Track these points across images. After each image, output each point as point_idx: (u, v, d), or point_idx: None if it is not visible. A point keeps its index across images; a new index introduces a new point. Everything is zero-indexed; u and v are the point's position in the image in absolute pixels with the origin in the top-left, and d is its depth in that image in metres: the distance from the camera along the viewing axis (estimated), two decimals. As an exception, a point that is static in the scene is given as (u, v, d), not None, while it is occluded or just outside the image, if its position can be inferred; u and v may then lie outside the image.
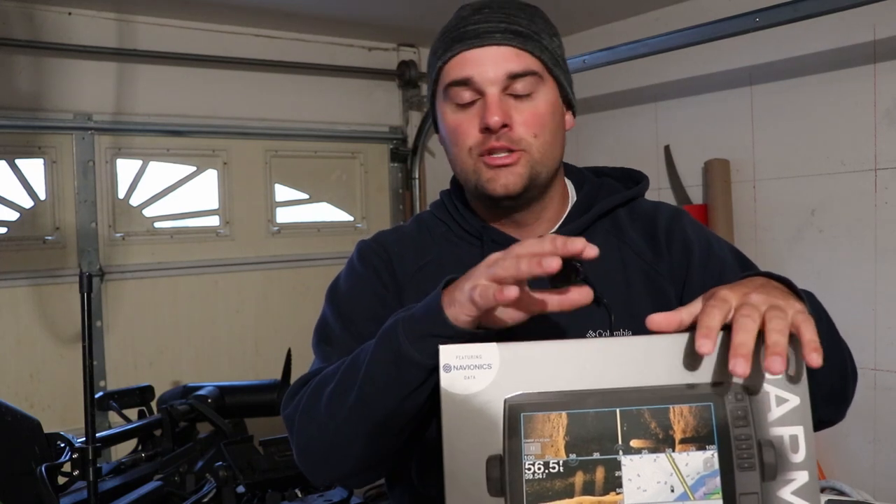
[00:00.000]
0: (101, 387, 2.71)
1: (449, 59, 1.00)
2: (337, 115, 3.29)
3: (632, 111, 2.99)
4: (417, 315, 0.83)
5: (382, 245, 1.10)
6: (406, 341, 0.82)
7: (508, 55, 0.97)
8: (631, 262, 1.05)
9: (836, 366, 0.89)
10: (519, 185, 0.99)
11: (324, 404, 0.90)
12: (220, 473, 1.86)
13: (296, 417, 0.94)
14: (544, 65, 1.00)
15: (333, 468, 0.93)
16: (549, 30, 1.03)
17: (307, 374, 0.99)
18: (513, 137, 0.97)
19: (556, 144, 1.02)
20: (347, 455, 0.90)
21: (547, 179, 1.02)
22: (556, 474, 0.73)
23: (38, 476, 1.64)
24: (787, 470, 0.73)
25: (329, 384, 0.91)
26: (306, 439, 0.93)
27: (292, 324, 3.10)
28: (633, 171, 1.16)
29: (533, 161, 0.99)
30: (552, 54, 1.01)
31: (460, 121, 1.00)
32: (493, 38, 0.97)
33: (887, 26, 2.26)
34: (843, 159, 2.41)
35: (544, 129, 0.99)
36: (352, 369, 0.89)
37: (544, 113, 0.99)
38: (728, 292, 0.74)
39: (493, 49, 0.97)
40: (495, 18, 0.99)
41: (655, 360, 0.74)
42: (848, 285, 2.41)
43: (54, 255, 2.68)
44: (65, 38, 2.65)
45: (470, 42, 0.98)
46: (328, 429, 0.90)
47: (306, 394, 0.94)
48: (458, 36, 1.00)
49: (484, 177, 0.99)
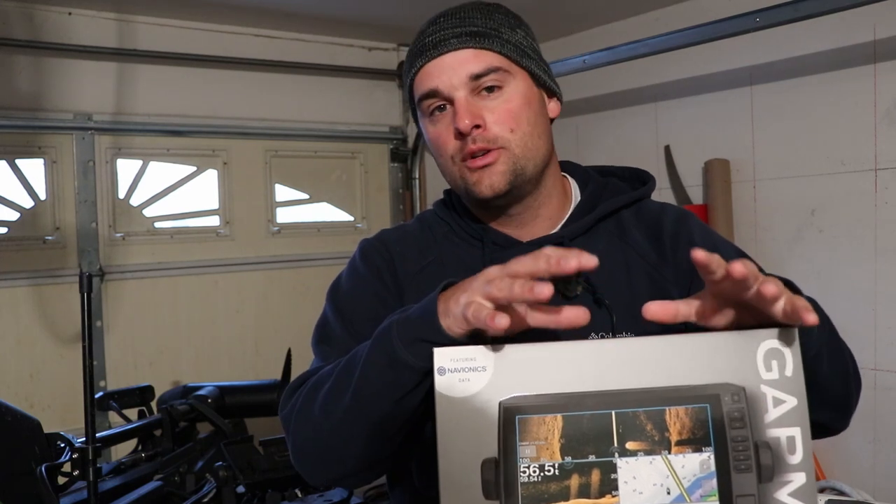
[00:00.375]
0: (101, 387, 2.72)
1: (414, 75, 1.02)
2: (337, 115, 3.29)
3: (632, 111, 2.99)
4: (412, 318, 0.83)
5: (385, 244, 1.10)
6: (400, 344, 0.82)
7: (467, 58, 0.98)
8: (634, 265, 1.04)
9: (837, 370, 0.89)
10: (503, 182, 0.99)
11: (319, 405, 0.90)
12: (220, 473, 1.86)
13: (292, 418, 0.94)
14: (508, 58, 1.00)
15: (329, 469, 0.93)
16: (509, 23, 1.03)
17: (304, 373, 0.99)
18: (488, 137, 0.98)
19: (536, 135, 1.01)
20: (343, 456, 0.90)
21: (535, 172, 1.02)
22: (552, 477, 0.73)
23: (38, 476, 1.64)
24: (784, 471, 0.73)
25: (325, 385, 0.91)
26: (302, 440, 0.93)
27: (292, 324, 3.10)
28: (641, 172, 1.15)
29: (514, 156, 0.99)
30: (516, 46, 1.01)
31: (439, 132, 1.01)
32: (449, 45, 0.98)
33: (887, 26, 2.25)
34: (843, 159, 2.40)
35: (521, 122, 0.99)
36: (347, 370, 0.89)
37: (517, 106, 0.99)
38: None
39: (451, 55, 0.98)
40: (449, 24, 1.00)
41: (651, 362, 0.74)
42: (848, 285, 2.40)
43: (54, 255, 2.69)
44: (65, 38, 2.65)
45: (429, 53, 1.00)
46: (323, 429, 0.89)
47: (302, 394, 0.94)
48: (418, 50, 1.02)
49: (470, 181, 1.00)
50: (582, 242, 1.04)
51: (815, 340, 0.80)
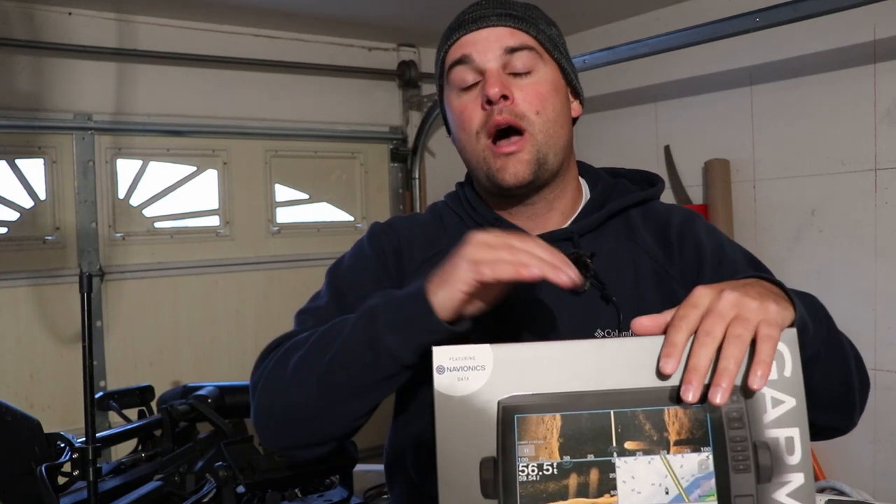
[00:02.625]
0: (101, 387, 2.72)
1: (449, 46, 1.03)
2: (337, 115, 3.30)
3: (632, 111, 2.99)
4: (400, 304, 0.83)
5: (395, 229, 1.10)
6: (386, 329, 0.82)
7: (504, 33, 1.00)
8: (642, 263, 1.04)
9: (835, 371, 0.88)
10: (528, 172, 0.99)
11: (290, 371, 0.89)
12: (220, 473, 1.86)
13: (260, 382, 0.93)
14: (542, 45, 1.02)
15: (288, 437, 0.91)
16: (545, 19, 1.06)
17: (279, 337, 0.99)
18: (515, 111, 0.98)
19: (560, 125, 1.02)
20: (306, 427, 0.89)
21: (556, 164, 1.02)
22: (550, 476, 0.73)
23: (38, 476, 1.64)
24: (782, 472, 0.73)
25: (299, 351, 0.90)
26: (268, 402, 0.91)
27: (292, 324, 3.10)
28: (650, 174, 1.16)
29: (538, 143, 0.99)
30: (550, 38, 1.03)
31: (465, 104, 1.01)
32: (490, 21, 1.00)
33: (887, 26, 2.26)
34: (843, 159, 2.40)
35: (546, 107, 1.00)
36: (323, 344, 0.88)
37: (545, 91, 1.00)
38: (702, 294, 0.74)
39: (488, 30, 1.00)
40: (490, 6, 1.02)
41: (650, 362, 0.74)
42: (848, 285, 2.40)
43: (54, 255, 2.69)
44: (65, 38, 2.66)
45: (467, 27, 1.01)
46: (290, 395, 0.88)
47: (274, 359, 0.93)
48: (456, 25, 1.03)
49: (493, 167, 1.00)
50: (591, 239, 1.04)
51: (811, 340, 0.80)
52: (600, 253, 1.02)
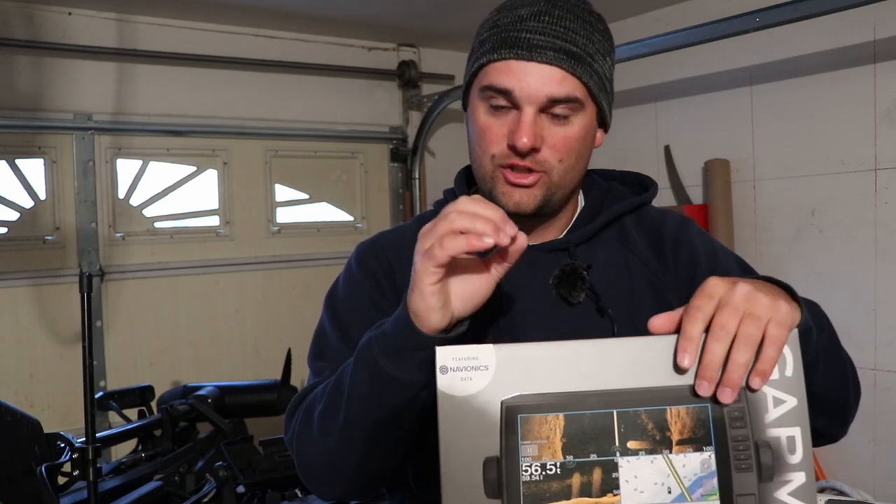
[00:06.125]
0: (101, 387, 2.72)
1: (493, 60, 0.94)
2: (337, 115, 3.30)
3: (632, 111, 2.99)
4: (388, 330, 0.83)
5: (382, 248, 1.08)
6: (383, 358, 0.82)
7: (554, 77, 0.92)
8: (636, 271, 1.03)
9: (834, 377, 0.88)
10: (532, 205, 0.96)
11: (316, 427, 0.90)
12: (220, 473, 1.87)
13: (294, 440, 0.95)
14: (588, 90, 0.96)
15: (336, 486, 0.94)
16: (604, 48, 0.98)
17: (301, 392, 0.99)
18: (538, 159, 0.94)
19: (578, 169, 0.99)
20: (347, 473, 0.91)
21: (562, 200, 1.00)
22: (553, 476, 0.73)
23: (38, 476, 1.65)
24: (784, 471, 0.73)
25: (318, 406, 0.91)
26: (307, 461, 0.93)
27: (292, 324, 3.10)
28: (642, 177, 1.14)
29: (551, 184, 0.96)
30: (600, 77, 0.97)
31: (490, 125, 0.96)
32: (545, 56, 0.92)
33: (887, 26, 2.26)
34: (843, 159, 2.41)
35: (570, 155, 0.96)
36: (337, 391, 0.89)
37: (576, 139, 0.96)
38: (716, 284, 0.75)
39: (539, 67, 0.92)
40: (552, 32, 0.93)
41: (652, 362, 0.74)
42: (848, 285, 2.41)
43: (54, 255, 2.69)
44: (65, 38, 2.66)
45: (519, 52, 0.93)
46: (323, 449, 0.90)
47: (299, 417, 0.95)
48: (510, 40, 0.94)
49: (498, 189, 0.97)
50: (586, 248, 1.03)
51: (813, 346, 0.80)
52: (595, 262, 1.01)
